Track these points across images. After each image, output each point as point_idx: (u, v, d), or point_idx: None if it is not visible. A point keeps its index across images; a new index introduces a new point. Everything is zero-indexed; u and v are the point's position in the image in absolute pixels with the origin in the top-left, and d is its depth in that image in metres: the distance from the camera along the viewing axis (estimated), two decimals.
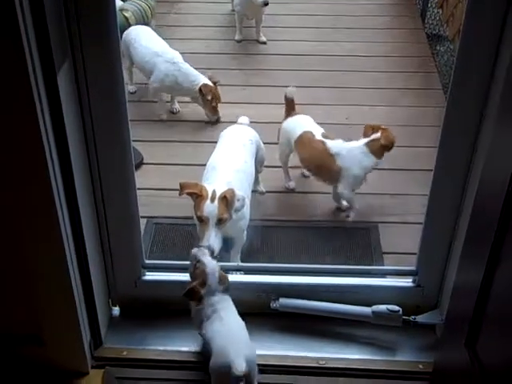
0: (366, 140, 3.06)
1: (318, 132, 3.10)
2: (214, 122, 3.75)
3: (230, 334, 2.04)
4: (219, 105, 3.77)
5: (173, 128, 3.78)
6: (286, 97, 3.24)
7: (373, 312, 2.23)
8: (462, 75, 1.84)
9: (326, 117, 3.81)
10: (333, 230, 3.01)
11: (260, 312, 2.23)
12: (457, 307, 1.94)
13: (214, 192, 2.55)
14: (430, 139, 2.88)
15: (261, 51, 4.59)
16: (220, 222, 2.53)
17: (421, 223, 2.19)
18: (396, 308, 2.21)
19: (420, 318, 2.24)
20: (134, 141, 2.12)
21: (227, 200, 2.53)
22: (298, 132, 3.12)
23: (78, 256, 1.96)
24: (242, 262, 2.77)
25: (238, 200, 2.58)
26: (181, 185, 2.57)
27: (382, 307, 2.22)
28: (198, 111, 3.88)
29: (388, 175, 3.37)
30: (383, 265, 2.80)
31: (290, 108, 3.23)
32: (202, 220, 2.54)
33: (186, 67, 3.76)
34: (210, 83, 3.70)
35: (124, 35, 3.87)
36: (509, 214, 1.63)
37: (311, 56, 4.47)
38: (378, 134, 3.05)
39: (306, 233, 3.00)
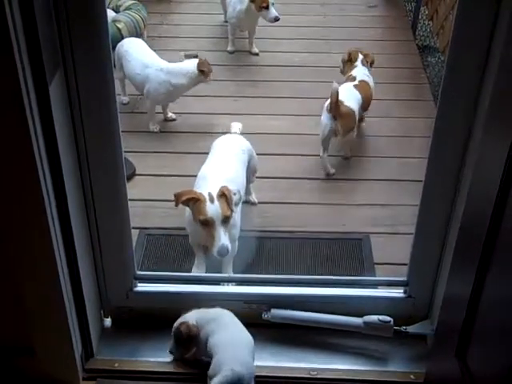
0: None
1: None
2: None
3: (233, 343, 2.07)
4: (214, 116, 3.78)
5: (165, 139, 3.79)
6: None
7: (364, 322, 2.24)
8: (451, 87, 1.86)
9: (317, 127, 3.81)
10: (324, 240, 3.01)
11: (251, 323, 2.23)
12: (447, 318, 1.95)
13: (210, 194, 2.55)
14: (421, 150, 2.89)
15: (253, 62, 4.61)
16: (225, 220, 2.52)
17: (412, 234, 2.21)
18: (387, 318, 2.22)
19: (411, 329, 2.25)
20: (126, 152, 2.12)
21: (226, 196, 2.53)
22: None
23: (69, 267, 1.96)
24: (234, 272, 2.77)
25: (235, 194, 2.59)
26: (176, 195, 2.57)
27: (374, 317, 2.23)
28: (189, 123, 3.89)
29: (379, 186, 3.39)
30: (375, 275, 2.81)
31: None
32: (208, 222, 2.52)
33: (173, 66, 3.77)
34: (199, 59, 3.76)
35: (117, 47, 3.89)
36: (497, 225, 1.65)
37: (303, 67, 4.50)
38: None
39: (297, 243, 3.00)
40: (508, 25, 1.61)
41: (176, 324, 2.16)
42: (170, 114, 3.92)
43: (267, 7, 4.30)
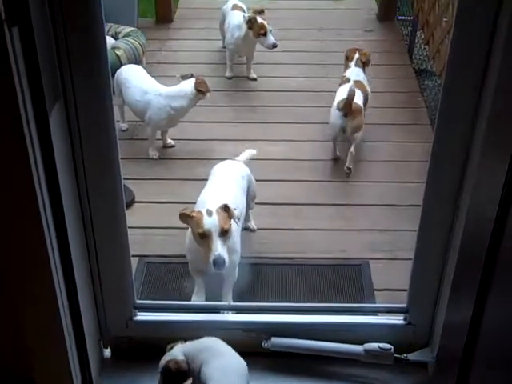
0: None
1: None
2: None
3: (226, 372, 2.05)
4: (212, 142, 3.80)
5: (164, 165, 3.80)
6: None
7: (364, 350, 2.23)
8: (448, 111, 1.87)
9: (315, 153, 3.85)
10: (324, 267, 3.01)
11: (251, 351, 2.22)
12: (447, 345, 1.95)
13: (208, 209, 2.56)
14: (419, 174, 2.90)
15: (251, 88, 4.65)
16: (223, 232, 2.51)
17: (411, 259, 2.20)
18: (388, 346, 2.21)
19: (412, 356, 2.24)
20: (125, 179, 2.13)
21: (225, 211, 2.54)
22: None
23: (69, 298, 1.96)
24: (233, 299, 2.76)
25: (235, 209, 2.60)
26: (180, 214, 2.59)
27: (374, 345, 2.22)
28: (188, 149, 3.91)
29: (378, 211, 3.40)
30: (375, 302, 2.80)
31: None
32: (205, 235, 2.51)
33: (171, 89, 3.80)
34: (196, 78, 3.77)
35: (116, 74, 3.92)
36: (495, 250, 1.66)
37: (301, 92, 4.53)
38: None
39: (297, 270, 3.00)
40: (503, 48, 1.63)
41: (162, 361, 2.10)
42: (168, 141, 3.93)
43: (265, 34, 4.35)
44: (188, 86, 3.75)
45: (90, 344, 2.15)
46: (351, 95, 3.61)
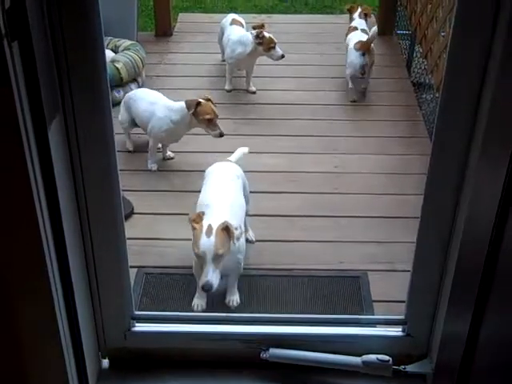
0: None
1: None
2: (217, 136, 3.67)
3: None
4: (211, 154, 3.81)
5: (163, 177, 3.81)
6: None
7: (363, 362, 2.22)
8: (445, 125, 1.88)
9: (314, 165, 3.87)
10: (322, 278, 3.02)
11: (249, 362, 2.22)
12: (445, 357, 1.95)
13: (209, 226, 2.56)
14: (417, 187, 2.92)
15: (250, 101, 4.67)
16: (217, 257, 2.53)
17: (409, 271, 2.21)
18: (386, 358, 2.21)
19: (410, 368, 2.23)
20: (124, 190, 2.13)
21: (227, 231, 2.56)
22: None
23: (67, 307, 1.95)
24: (230, 311, 2.77)
25: (236, 229, 2.61)
26: (189, 218, 2.64)
27: (372, 357, 2.21)
28: (187, 160, 3.92)
29: (376, 223, 3.40)
30: (373, 313, 2.81)
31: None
32: (199, 256, 2.55)
33: (174, 104, 3.82)
34: (191, 98, 3.74)
35: (125, 99, 3.99)
36: (493, 263, 1.66)
37: (300, 105, 4.56)
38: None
39: (295, 281, 3.00)
40: (500, 63, 1.65)
41: None
42: (168, 153, 3.95)
43: (274, 47, 4.45)
44: (182, 104, 3.77)
45: (88, 354, 2.14)
46: (374, 37, 4.57)
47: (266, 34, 4.46)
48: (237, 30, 4.76)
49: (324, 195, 3.63)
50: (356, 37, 4.65)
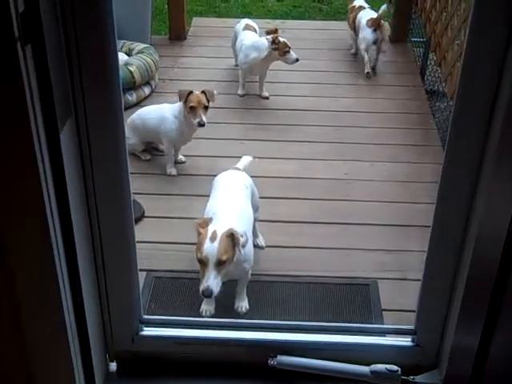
0: None
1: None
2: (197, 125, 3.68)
3: None
4: (222, 159, 3.81)
5: (174, 181, 3.81)
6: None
7: (371, 371, 2.20)
8: (459, 133, 1.86)
9: (325, 172, 3.86)
10: (332, 285, 3.00)
11: (257, 369, 2.21)
12: (455, 369, 1.93)
13: (214, 232, 2.56)
14: (429, 195, 2.90)
15: (263, 106, 4.66)
16: (219, 263, 2.52)
17: (420, 280, 2.19)
18: (395, 368, 2.19)
19: (419, 379, 2.21)
20: (135, 193, 2.13)
21: (232, 238, 2.55)
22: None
23: (75, 310, 1.95)
24: (238, 317, 2.76)
25: (242, 236, 2.60)
26: (195, 223, 2.64)
27: (381, 367, 2.20)
28: (199, 165, 3.92)
29: (387, 231, 3.38)
30: (383, 322, 2.79)
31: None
32: (202, 261, 2.54)
33: (176, 103, 3.82)
34: (184, 89, 3.76)
35: (131, 119, 3.97)
36: (505, 274, 1.64)
37: (312, 111, 4.55)
38: None
39: (304, 288, 2.98)
40: None
41: None
42: (180, 157, 3.95)
43: (289, 51, 4.47)
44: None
45: (96, 358, 2.14)
46: (382, 14, 4.96)
47: (281, 39, 4.47)
48: (250, 35, 4.76)
49: (335, 202, 3.61)
50: (367, 15, 5.06)
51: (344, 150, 4.07)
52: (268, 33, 4.58)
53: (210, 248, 2.52)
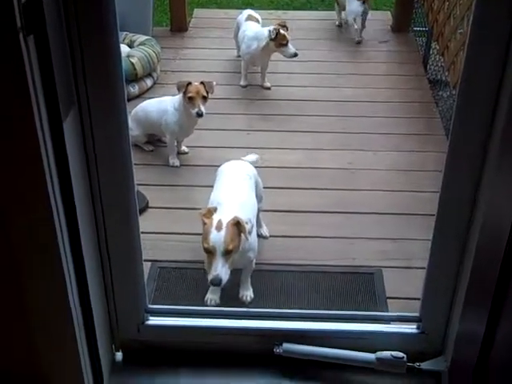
0: None
1: None
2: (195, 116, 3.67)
3: None
4: (225, 150, 3.80)
5: (178, 172, 3.81)
6: None
7: (376, 358, 2.21)
8: (462, 122, 1.86)
9: (329, 161, 3.85)
10: (337, 274, 3.00)
11: (263, 357, 2.22)
12: (461, 355, 1.94)
13: (219, 221, 2.56)
14: (433, 184, 2.90)
15: (265, 96, 4.65)
16: (227, 252, 2.52)
17: (425, 268, 2.19)
18: (400, 354, 2.20)
19: (424, 365, 2.22)
20: (139, 184, 2.13)
21: (237, 226, 2.55)
22: None
23: (81, 300, 1.96)
24: (244, 306, 2.76)
25: (247, 223, 2.60)
26: (200, 213, 2.63)
27: (386, 353, 2.21)
28: (202, 156, 3.92)
29: (392, 220, 3.38)
30: (387, 310, 2.79)
31: None
32: (209, 250, 2.54)
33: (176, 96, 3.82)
34: (183, 80, 3.76)
35: (132, 113, 3.94)
36: (510, 261, 1.64)
37: (314, 101, 4.53)
38: None
39: (309, 277, 2.99)
40: None
41: None
42: (183, 148, 3.95)
43: (286, 44, 4.42)
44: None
45: (102, 347, 2.15)
46: None
47: (282, 32, 4.44)
48: (253, 26, 4.75)
49: (339, 191, 3.61)
50: None
51: (347, 140, 4.06)
52: (280, 25, 4.54)
53: (217, 237, 2.52)
